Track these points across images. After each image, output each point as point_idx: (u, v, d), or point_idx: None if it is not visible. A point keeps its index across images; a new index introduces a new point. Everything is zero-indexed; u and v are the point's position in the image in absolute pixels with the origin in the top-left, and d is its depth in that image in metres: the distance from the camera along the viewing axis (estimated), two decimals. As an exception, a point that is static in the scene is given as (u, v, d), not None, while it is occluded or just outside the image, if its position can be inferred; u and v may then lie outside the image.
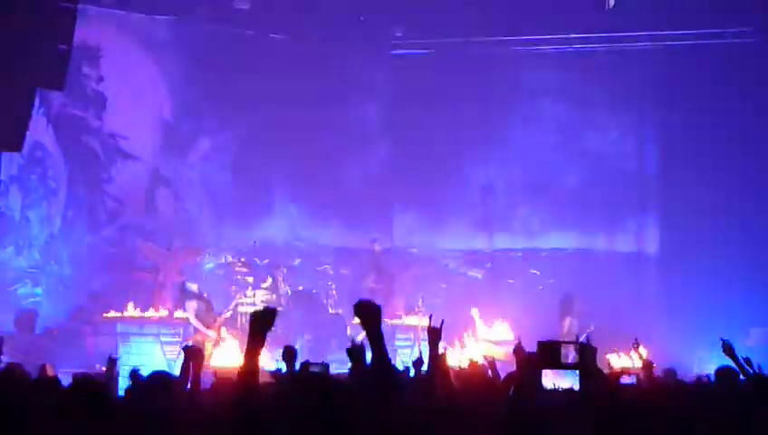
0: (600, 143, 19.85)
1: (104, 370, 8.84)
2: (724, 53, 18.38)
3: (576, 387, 6.96)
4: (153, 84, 19.28)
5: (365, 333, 4.66)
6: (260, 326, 4.58)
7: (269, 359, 11.14)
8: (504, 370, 8.51)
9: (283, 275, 18.38)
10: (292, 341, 15.03)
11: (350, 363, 5.85)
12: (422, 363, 7.16)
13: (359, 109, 20.32)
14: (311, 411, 4.26)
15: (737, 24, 18.47)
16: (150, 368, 7.91)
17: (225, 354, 15.46)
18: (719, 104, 18.08)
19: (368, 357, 5.49)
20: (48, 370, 9.52)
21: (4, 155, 16.53)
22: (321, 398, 4.33)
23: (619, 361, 14.37)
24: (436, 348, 6.32)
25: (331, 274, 19.38)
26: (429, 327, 6.31)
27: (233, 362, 14.58)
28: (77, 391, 5.28)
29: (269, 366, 10.20)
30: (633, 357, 13.73)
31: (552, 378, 7.97)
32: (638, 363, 12.62)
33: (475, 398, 6.36)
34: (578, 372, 6.73)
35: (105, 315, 16.66)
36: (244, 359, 4.55)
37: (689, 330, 16.25)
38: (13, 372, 7.86)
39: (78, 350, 15.89)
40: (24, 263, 18.04)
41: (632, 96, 19.66)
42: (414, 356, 11.14)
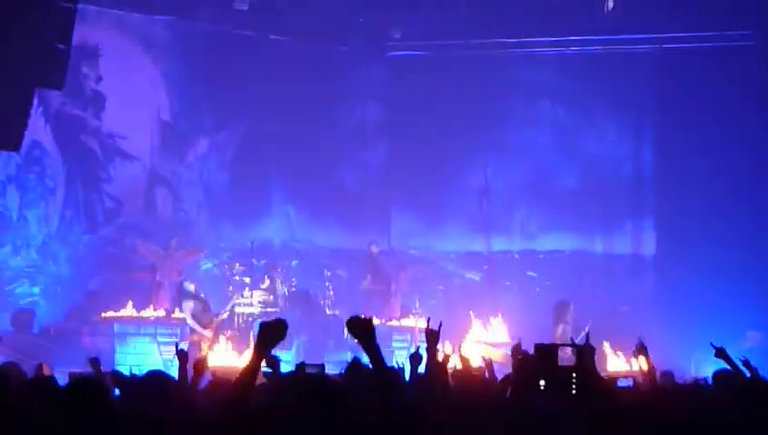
0: (598, 145, 19.85)
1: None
2: (722, 56, 18.39)
3: (573, 389, 6.96)
4: (152, 84, 19.28)
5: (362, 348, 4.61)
6: (268, 339, 4.53)
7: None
8: (501, 372, 8.52)
9: (280, 275, 18.37)
10: (289, 341, 15.05)
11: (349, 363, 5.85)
12: (419, 358, 7.15)
13: (357, 110, 20.36)
14: (307, 413, 4.25)
15: (736, 28, 18.47)
16: (147, 368, 7.93)
17: (222, 355, 15.44)
18: (717, 108, 18.09)
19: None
20: (44, 369, 9.50)
21: (2, 154, 16.54)
22: (318, 399, 4.32)
23: (618, 362, 14.37)
24: (435, 350, 6.33)
25: (329, 275, 19.36)
26: (427, 329, 6.31)
27: (230, 362, 14.58)
28: (74, 391, 5.28)
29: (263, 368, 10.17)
30: (631, 359, 13.73)
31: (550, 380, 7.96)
32: (635, 367, 12.64)
33: (473, 399, 6.37)
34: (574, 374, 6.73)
35: (102, 315, 16.66)
36: (244, 368, 4.52)
37: (686, 332, 16.23)
38: (9, 372, 7.86)
39: (75, 349, 15.83)
40: (22, 262, 18.04)
41: (630, 99, 19.65)
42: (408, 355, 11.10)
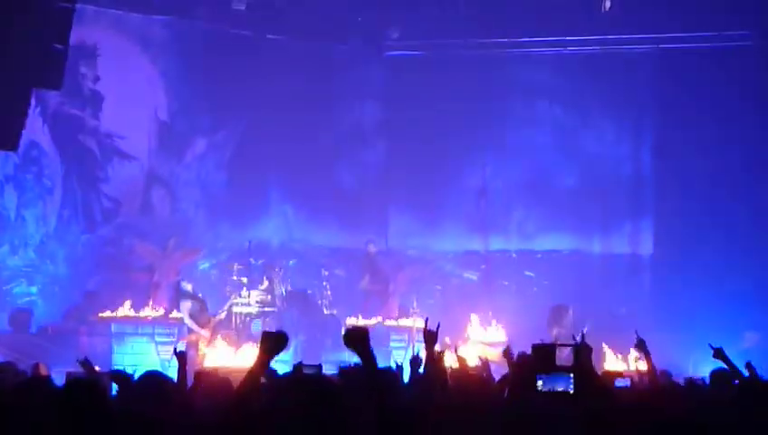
0: (596, 145, 19.85)
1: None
2: (720, 56, 18.39)
3: (571, 389, 6.96)
4: (150, 84, 19.26)
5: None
6: (270, 349, 4.57)
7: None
8: (498, 371, 8.53)
9: (278, 275, 18.36)
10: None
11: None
12: (419, 362, 7.17)
13: (355, 109, 20.35)
14: (305, 413, 4.25)
15: (735, 28, 18.46)
16: (145, 368, 7.92)
17: (219, 355, 15.43)
18: (715, 108, 18.08)
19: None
20: (41, 369, 9.50)
21: (0, 154, 16.52)
22: (316, 398, 4.32)
23: (616, 362, 14.37)
24: (433, 350, 6.34)
25: (326, 274, 19.36)
26: (425, 330, 6.32)
27: (227, 362, 14.58)
28: (70, 391, 5.27)
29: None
30: (629, 359, 13.74)
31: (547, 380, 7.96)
32: (633, 366, 12.65)
33: (471, 399, 6.37)
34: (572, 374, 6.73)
35: (100, 315, 16.63)
36: (246, 376, 4.54)
37: (684, 333, 16.22)
38: (6, 371, 7.86)
39: (72, 349, 15.81)
40: (20, 262, 18.02)
41: (628, 99, 19.64)
42: (408, 357, 11.11)
